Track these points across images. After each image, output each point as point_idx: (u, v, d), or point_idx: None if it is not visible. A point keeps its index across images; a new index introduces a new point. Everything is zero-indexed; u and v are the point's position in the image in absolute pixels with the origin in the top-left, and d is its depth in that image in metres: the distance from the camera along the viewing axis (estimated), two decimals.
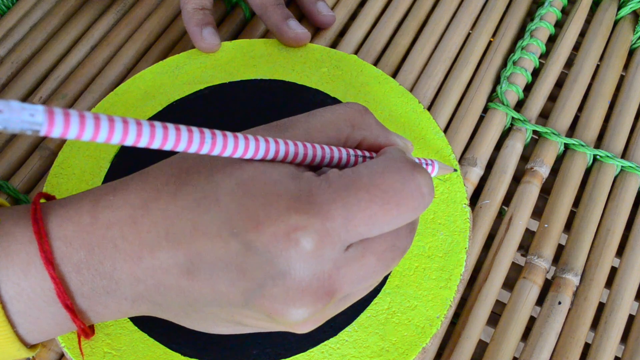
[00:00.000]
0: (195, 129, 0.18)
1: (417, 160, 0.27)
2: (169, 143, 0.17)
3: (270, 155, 0.21)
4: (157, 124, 0.17)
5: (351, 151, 0.23)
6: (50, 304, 0.22)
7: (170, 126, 0.18)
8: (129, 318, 0.28)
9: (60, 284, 0.22)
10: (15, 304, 0.22)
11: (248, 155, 0.20)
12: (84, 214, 0.22)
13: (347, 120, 0.23)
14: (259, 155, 0.21)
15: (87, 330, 0.24)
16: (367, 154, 0.24)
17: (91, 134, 0.15)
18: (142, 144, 0.17)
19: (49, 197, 0.25)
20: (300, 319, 0.21)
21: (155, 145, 0.17)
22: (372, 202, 0.20)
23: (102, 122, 0.16)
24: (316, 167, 0.23)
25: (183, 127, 0.18)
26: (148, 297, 0.22)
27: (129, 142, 0.16)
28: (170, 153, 0.26)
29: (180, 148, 0.18)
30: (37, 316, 0.23)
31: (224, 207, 0.20)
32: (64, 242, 0.22)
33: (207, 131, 0.19)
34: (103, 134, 0.16)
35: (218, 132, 0.19)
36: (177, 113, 0.33)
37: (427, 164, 0.28)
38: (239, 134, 0.20)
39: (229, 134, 0.19)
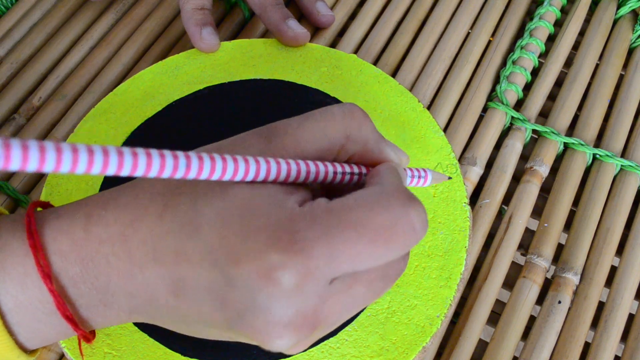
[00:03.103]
0: (168, 155, 0.17)
1: (409, 172, 0.26)
2: (138, 170, 0.16)
3: (261, 177, 0.20)
4: (126, 151, 0.16)
5: (341, 167, 0.22)
6: (49, 315, 0.22)
7: (141, 153, 0.16)
8: None
9: (59, 297, 0.22)
10: (15, 316, 0.22)
11: (237, 178, 0.19)
12: (78, 228, 0.22)
13: (342, 130, 0.22)
14: (248, 178, 0.20)
15: (88, 336, 0.24)
16: (358, 169, 0.23)
17: (52, 166, 0.14)
18: (110, 173, 0.16)
19: (44, 204, 0.25)
20: (283, 348, 0.20)
21: (124, 173, 0.16)
22: (359, 240, 0.19)
23: (64, 154, 0.14)
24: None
25: (155, 153, 0.17)
26: (142, 310, 0.22)
27: (95, 172, 0.15)
28: None
29: (151, 174, 0.17)
30: (37, 326, 0.23)
31: (205, 237, 0.20)
32: (60, 257, 0.22)
33: (181, 157, 0.18)
34: (65, 165, 0.15)
35: (194, 157, 0.18)
36: (176, 113, 0.33)
37: (419, 176, 0.27)
38: (226, 157, 0.19)
39: (205, 157, 0.18)
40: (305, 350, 0.27)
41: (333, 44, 0.41)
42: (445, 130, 0.37)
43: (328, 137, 0.22)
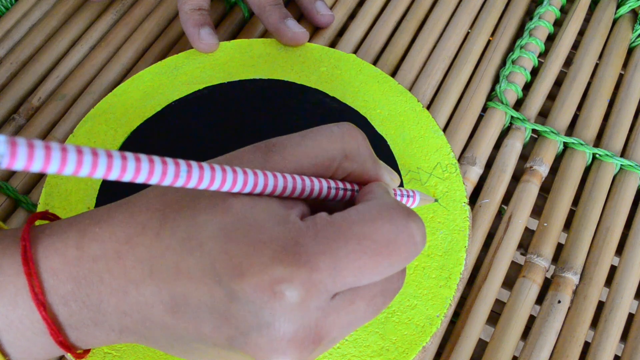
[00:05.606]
0: (170, 162, 0.17)
1: (399, 192, 0.26)
2: (141, 176, 0.17)
3: (259, 189, 0.20)
4: (130, 156, 0.16)
5: (335, 183, 0.23)
6: (39, 335, 0.22)
7: (144, 159, 0.17)
8: None
9: (53, 325, 0.21)
10: (5, 335, 0.22)
11: (236, 189, 0.20)
12: (70, 246, 0.22)
13: (341, 149, 0.22)
14: (246, 189, 0.20)
15: (82, 355, 0.24)
16: (351, 186, 0.23)
17: (57, 167, 0.14)
18: (113, 177, 0.16)
19: (42, 215, 0.25)
20: None
21: (127, 178, 0.16)
22: (362, 253, 0.19)
23: (69, 155, 0.15)
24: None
25: (157, 160, 0.17)
26: (134, 330, 0.22)
27: (98, 175, 0.15)
28: None
29: (153, 180, 0.17)
30: (27, 346, 0.22)
31: (208, 252, 0.20)
32: (51, 275, 0.21)
33: (182, 164, 0.18)
34: (70, 167, 0.15)
35: (195, 166, 0.18)
36: (175, 113, 0.33)
37: (408, 196, 0.28)
38: (226, 168, 0.19)
39: (206, 166, 0.19)
40: None
41: (332, 44, 0.41)
42: (444, 129, 0.37)
43: (327, 154, 0.22)
